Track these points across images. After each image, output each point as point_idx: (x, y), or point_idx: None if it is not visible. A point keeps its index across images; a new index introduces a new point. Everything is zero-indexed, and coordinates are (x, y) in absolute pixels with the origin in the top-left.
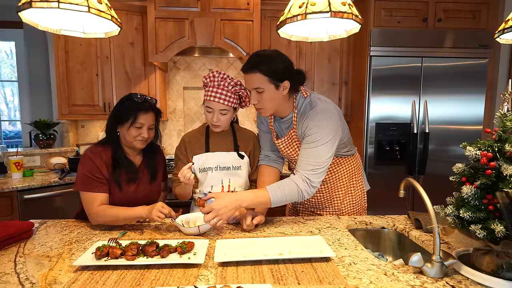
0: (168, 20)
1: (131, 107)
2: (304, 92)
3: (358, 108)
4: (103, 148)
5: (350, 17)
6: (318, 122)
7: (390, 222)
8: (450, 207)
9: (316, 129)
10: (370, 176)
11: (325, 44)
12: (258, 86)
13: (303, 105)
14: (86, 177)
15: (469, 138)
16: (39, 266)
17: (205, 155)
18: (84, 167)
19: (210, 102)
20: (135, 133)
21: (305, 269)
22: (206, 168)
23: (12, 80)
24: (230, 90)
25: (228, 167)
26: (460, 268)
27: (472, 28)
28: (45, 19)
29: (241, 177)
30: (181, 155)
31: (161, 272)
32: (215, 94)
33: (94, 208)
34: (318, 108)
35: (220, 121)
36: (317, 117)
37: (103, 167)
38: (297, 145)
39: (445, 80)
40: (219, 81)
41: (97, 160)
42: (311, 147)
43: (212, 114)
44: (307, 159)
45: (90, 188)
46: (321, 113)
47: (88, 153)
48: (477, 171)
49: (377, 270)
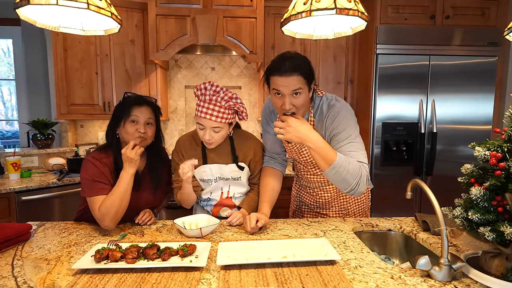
0: (169, 17)
1: (125, 104)
2: (319, 92)
3: (364, 107)
4: (105, 154)
5: (356, 14)
6: (343, 118)
7: (397, 224)
8: (459, 209)
9: (344, 124)
10: (376, 177)
11: (330, 41)
12: (300, 87)
13: (320, 105)
14: (90, 182)
15: (477, 138)
16: (37, 269)
17: (203, 167)
18: (87, 172)
19: (201, 119)
20: (131, 129)
21: (309, 272)
22: (206, 180)
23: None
24: (223, 105)
25: (228, 178)
26: (468, 271)
27: (481, 25)
28: (43, 16)
29: (242, 185)
30: (180, 161)
31: (162, 275)
32: (207, 110)
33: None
34: (337, 105)
35: (213, 139)
36: (340, 113)
37: (106, 172)
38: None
39: (453, 79)
40: (211, 95)
41: (100, 165)
42: (350, 141)
43: (204, 131)
44: (354, 151)
45: (96, 192)
46: (342, 109)
47: (90, 159)
48: (486, 172)
49: (384, 273)
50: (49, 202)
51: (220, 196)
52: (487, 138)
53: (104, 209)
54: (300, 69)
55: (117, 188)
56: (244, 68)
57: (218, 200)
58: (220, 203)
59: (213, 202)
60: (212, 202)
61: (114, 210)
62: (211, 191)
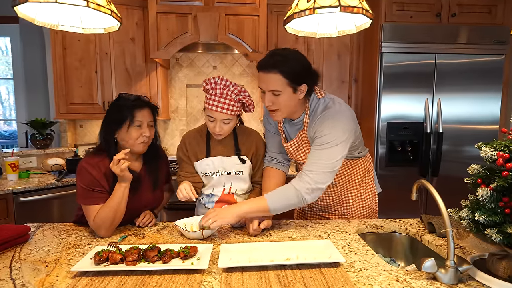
0: (170, 15)
1: (125, 106)
2: (319, 93)
3: (369, 107)
4: (99, 158)
5: (361, 12)
6: (332, 123)
7: (402, 226)
8: (465, 210)
9: (329, 130)
10: (381, 178)
11: (334, 40)
12: (276, 89)
13: (316, 107)
14: (85, 191)
15: (484, 138)
16: (36, 272)
17: (205, 161)
18: (82, 180)
19: (212, 112)
20: (136, 134)
21: (313, 275)
22: (208, 173)
23: (8, 78)
24: (233, 99)
25: (230, 172)
26: (475, 274)
27: (488, 23)
28: (42, 13)
29: (244, 181)
30: (183, 156)
31: (163, 278)
32: (217, 103)
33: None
34: (332, 109)
35: (223, 130)
36: (332, 118)
37: (102, 179)
38: (307, 148)
39: (460, 78)
40: (222, 89)
41: (95, 172)
42: (322, 148)
43: (214, 124)
44: (316, 160)
45: (92, 201)
46: (336, 115)
47: (84, 165)
48: (493, 173)
49: (389, 276)
50: (47, 203)
51: (222, 192)
52: (494, 138)
53: (99, 221)
54: (279, 67)
55: (110, 201)
56: (246, 66)
57: (219, 196)
58: (222, 199)
59: (214, 199)
60: (214, 198)
61: (109, 222)
62: (213, 187)
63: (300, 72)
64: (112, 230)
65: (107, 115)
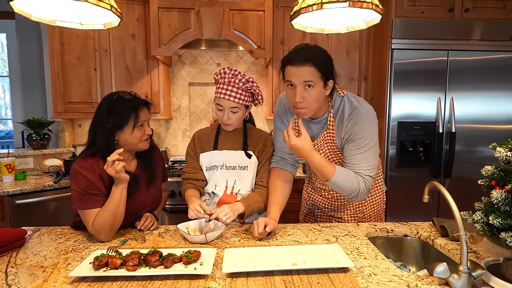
0: (172, 10)
1: (129, 107)
2: (341, 91)
3: (379, 105)
4: (93, 160)
5: (370, 7)
6: (365, 125)
7: (414, 229)
8: (479, 213)
9: (363, 132)
10: (391, 179)
11: (343, 36)
12: (311, 79)
13: (340, 105)
14: (81, 195)
15: (499, 138)
16: (32, 277)
17: (211, 153)
18: (77, 184)
19: (220, 100)
20: (140, 134)
21: (321, 280)
22: (212, 166)
23: (3, 75)
24: (241, 87)
25: (234, 166)
26: (489, 279)
27: (502, 19)
28: (39, 9)
29: (247, 179)
30: (191, 150)
31: (165, 283)
32: (225, 91)
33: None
34: (361, 109)
35: (230, 119)
36: (363, 119)
37: (98, 182)
38: (328, 148)
39: (473, 75)
40: (230, 77)
41: (90, 175)
42: (362, 152)
43: (222, 112)
44: (361, 163)
45: (89, 205)
46: (366, 115)
47: (78, 169)
48: (508, 174)
49: (399, 281)
50: (45, 206)
51: (224, 191)
52: (509, 138)
53: (98, 226)
54: (313, 60)
55: (108, 205)
56: (251, 64)
57: (221, 196)
58: (223, 200)
59: (216, 199)
60: (216, 199)
61: (109, 226)
62: (216, 184)
63: (330, 67)
64: (113, 234)
65: (107, 118)
